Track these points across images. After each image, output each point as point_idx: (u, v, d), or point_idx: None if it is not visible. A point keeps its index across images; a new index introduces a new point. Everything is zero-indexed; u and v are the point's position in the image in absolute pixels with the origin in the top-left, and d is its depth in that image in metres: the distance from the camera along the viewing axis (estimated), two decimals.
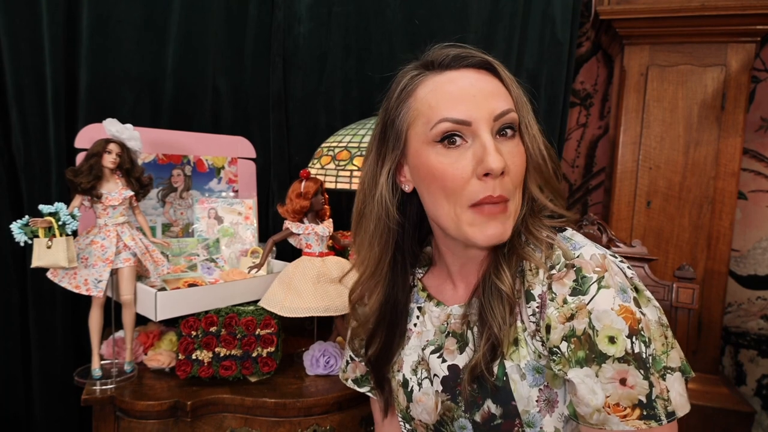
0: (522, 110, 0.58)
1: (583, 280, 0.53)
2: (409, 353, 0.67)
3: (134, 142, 1.01)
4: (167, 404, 0.93)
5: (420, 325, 0.67)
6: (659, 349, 0.52)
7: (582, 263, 0.54)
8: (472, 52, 0.59)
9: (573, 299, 0.53)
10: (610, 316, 0.51)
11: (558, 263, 0.55)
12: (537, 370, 0.56)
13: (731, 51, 1.30)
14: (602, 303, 0.52)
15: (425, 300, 0.68)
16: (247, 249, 1.23)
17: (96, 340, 0.99)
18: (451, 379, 0.62)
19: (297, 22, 1.41)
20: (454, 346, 0.62)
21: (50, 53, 1.19)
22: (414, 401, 0.65)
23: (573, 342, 0.53)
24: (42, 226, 0.88)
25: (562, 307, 0.54)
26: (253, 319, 1.01)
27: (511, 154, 0.56)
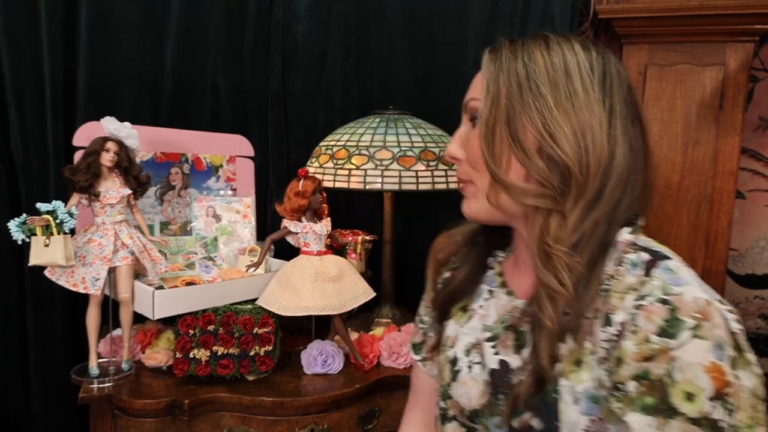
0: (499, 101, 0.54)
1: (676, 322, 0.47)
2: (467, 333, 0.64)
3: (132, 141, 1.01)
4: (164, 403, 0.93)
5: (485, 309, 0.64)
6: (744, 421, 0.45)
7: (680, 303, 0.47)
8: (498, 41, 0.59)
9: (658, 340, 0.47)
10: (696, 371, 0.45)
11: (651, 295, 0.49)
12: (594, 399, 0.51)
13: (730, 50, 1.30)
14: (691, 354, 0.46)
15: (498, 285, 0.65)
16: (246, 247, 1.23)
17: (93, 338, 0.99)
18: (500, 374, 0.58)
19: (296, 20, 1.41)
20: (511, 341, 0.59)
21: (49, 52, 1.19)
22: (458, 382, 0.62)
23: (644, 384, 0.47)
24: (40, 224, 0.89)
25: (642, 345, 0.48)
26: (251, 318, 1.01)
27: (469, 141, 0.59)
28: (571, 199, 0.52)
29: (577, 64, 0.54)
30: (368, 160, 1.11)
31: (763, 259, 1.56)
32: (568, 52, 0.55)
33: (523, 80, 0.54)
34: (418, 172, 1.10)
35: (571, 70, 0.54)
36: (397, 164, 1.10)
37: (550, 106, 0.52)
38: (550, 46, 0.55)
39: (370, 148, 1.13)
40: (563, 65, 0.54)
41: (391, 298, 1.30)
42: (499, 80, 0.55)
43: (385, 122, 1.19)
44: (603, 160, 0.52)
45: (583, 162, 0.52)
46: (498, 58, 0.56)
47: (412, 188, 1.10)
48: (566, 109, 0.52)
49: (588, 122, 0.52)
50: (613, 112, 0.54)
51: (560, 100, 0.52)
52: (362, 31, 1.45)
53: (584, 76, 0.54)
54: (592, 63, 0.55)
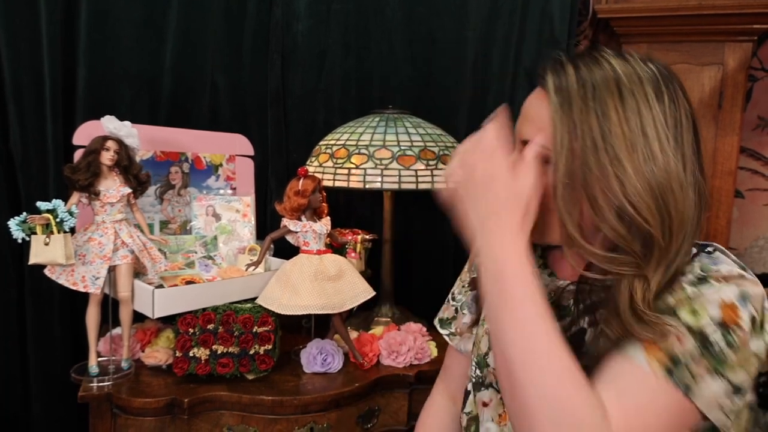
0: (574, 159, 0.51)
1: (707, 279, 0.50)
2: None
3: (132, 140, 1.01)
4: (164, 401, 0.93)
5: None
6: (736, 360, 0.48)
7: (714, 274, 0.51)
8: (547, 68, 0.55)
9: (690, 288, 0.50)
10: (711, 301, 0.49)
11: (690, 273, 0.52)
12: None
13: (728, 50, 1.30)
14: (714, 292, 0.49)
15: (539, 267, 0.65)
16: (245, 246, 1.23)
17: (93, 337, 0.99)
18: None
19: (296, 19, 1.41)
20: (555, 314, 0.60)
21: (48, 50, 1.19)
22: None
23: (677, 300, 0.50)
24: (39, 223, 0.89)
25: (677, 292, 0.51)
26: (251, 317, 1.01)
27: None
28: (654, 263, 0.51)
29: (653, 121, 0.50)
30: (368, 159, 1.11)
31: (762, 258, 1.56)
32: (643, 104, 0.51)
33: (598, 141, 0.50)
34: (418, 171, 1.10)
35: (648, 130, 0.50)
36: (396, 163, 1.10)
37: (629, 173, 0.49)
38: (624, 97, 0.51)
39: (370, 147, 1.13)
40: (640, 125, 0.50)
41: (390, 297, 1.30)
42: (574, 135, 0.51)
43: (385, 121, 1.19)
44: (684, 219, 0.51)
45: (666, 226, 0.50)
46: (568, 105, 0.52)
47: (411, 187, 1.10)
48: (645, 174, 0.49)
49: (668, 186, 0.50)
50: (686, 164, 0.51)
51: (639, 166, 0.49)
52: (362, 29, 1.45)
53: (661, 136, 0.50)
54: (665, 114, 0.51)
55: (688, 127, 0.53)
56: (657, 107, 0.51)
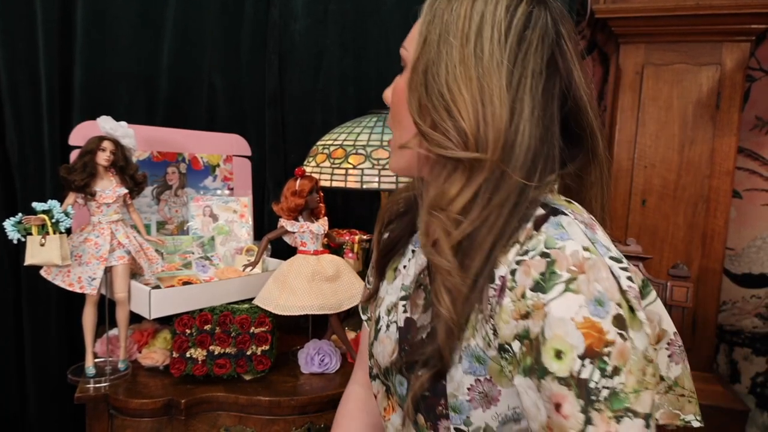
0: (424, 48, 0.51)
1: (551, 275, 0.44)
2: (391, 293, 0.63)
3: (128, 140, 1.01)
4: (161, 402, 0.93)
5: (407, 268, 0.62)
6: (629, 385, 0.41)
7: (559, 256, 0.44)
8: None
9: (532, 295, 0.44)
10: (566, 327, 0.42)
11: (534, 249, 0.46)
12: (478, 358, 0.49)
13: (726, 50, 1.30)
14: (561, 308, 0.42)
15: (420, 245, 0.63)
16: (242, 247, 1.22)
17: (89, 338, 0.99)
18: (404, 331, 0.57)
19: (293, 19, 1.41)
20: (421, 300, 0.56)
21: (44, 50, 1.19)
22: (378, 340, 0.62)
23: (525, 344, 0.45)
24: (35, 224, 0.88)
25: (519, 301, 0.45)
26: (248, 317, 1.01)
27: (393, 88, 0.57)
28: (468, 168, 0.48)
29: (493, 21, 0.49)
30: (365, 160, 1.11)
31: (760, 258, 1.56)
32: (490, 5, 0.49)
33: (443, 30, 0.50)
34: None
35: (485, 28, 0.49)
36: None
37: (455, 63, 0.49)
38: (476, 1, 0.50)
39: (367, 147, 1.13)
40: (479, 21, 0.49)
41: None
42: (429, 26, 0.51)
43: (382, 121, 1.19)
44: (501, 136, 0.47)
45: (481, 133, 0.48)
46: (435, 5, 0.53)
47: None
48: (469, 71, 0.48)
49: (488, 91, 0.48)
50: (521, 84, 0.49)
51: (465, 60, 0.48)
52: (359, 29, 1.45)
53: (494, 37, 0.48)
54: (511, 21, 0.49)
55: (541, 48, 0.50)
56: (503, 9, 0.49)
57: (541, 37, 0.50)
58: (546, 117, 0.50)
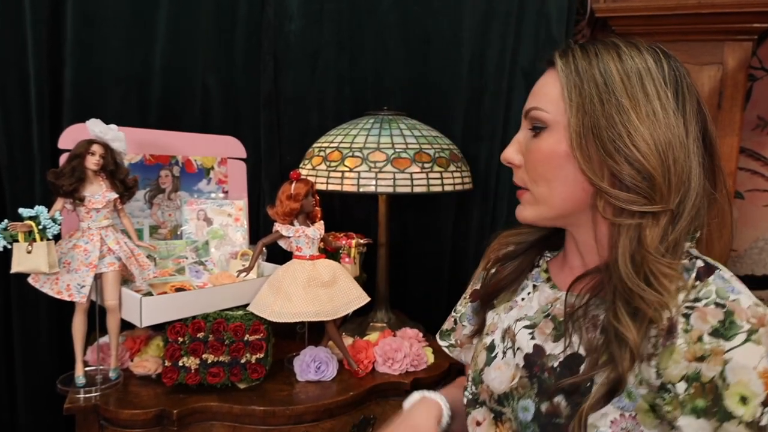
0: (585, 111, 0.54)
1: (731, 324, 0.49)
2: (505, 320, 0.67)
3: (118, 143, 0.99)
4: (152, 413, 0.91)
5: (527, 301, 0.66)
6: None
7: (736, 308, 0.49)
8: (558, 50, 0.60)
9: (711, 340, 0.49)
10: (750, 374, 0.47)
11: (707, 298, 0.51)
12: (629, 394, 0.52)
13: (728, 49, 1.28)
14: (745, 357, 0.47)
15: (543, 281, 0.67)
16: (237, 251, 1.20)
17: (79, 346, 0.96)
18: (533, 357, 0.61)
19: (288, 19, 1.39)
20: (550, 330, 0.61)
21: (33, 50, 1.16)
22: (492, 366, 0.65)
23: (694, 386, 0.48)
24: (22, 231, 0.86)
25: (694, 344, 0.49)
26: (242, 325, 0.99)
27: (529, 150, 0.60)
28: (659, 202, 0.53)
29: (652, 79, 0.54)
30: (362, 162, 1.09)
31: (762, 259, 1.54)
32: (641, 64, 0.54)
33: (602, 90, 0.54)
34: (413, 175, 1.08)
35: (647, 85, 0.54)
36: (391, 166, 1.08)
37: (632, 120, 0.53)
38: (622, 56, 0.55)
39: (364, 149, 1.10)
40: (639, 80, 0.54)
41: (386, 302, 1.28)
42: (581, 89, 0.55)
43: (379, 123, 1.17)
44: (683, 178, 0.53)
45: (666, 177, 0.52)
46: (573, 65, 0.56)
47: (406, 191, 1.07)
48: (647, 125, 0.53)
49: (668, 140, 0.53)
50: (688, 131, 0.54)
51: (642, 116, 0.53)
52: (355, 29, 1.42)
53: (660, 93, 0.53)
54: (665, 77, 0.54)
55: (690, 99, 0.55)
56: (656, 71, 0.54)
57: (688, 86, 0.56)
58: (704, 160, 0.55)
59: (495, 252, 0.73)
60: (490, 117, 1.39)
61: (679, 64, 0.56)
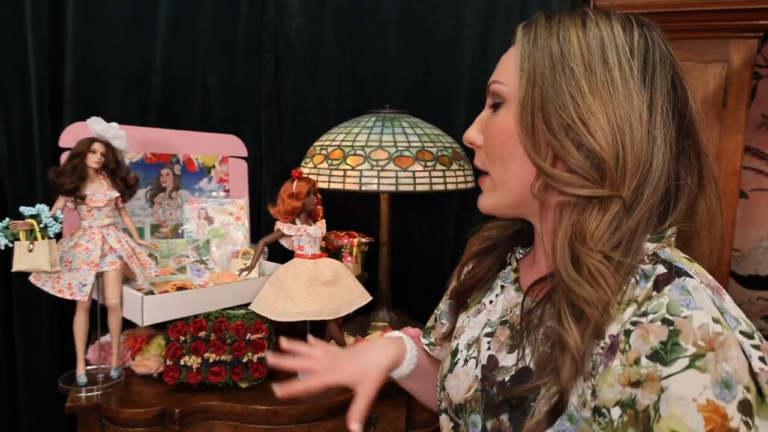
0: (534, 82, 0.49)
1: (673, 347, 0.40)
2: (473, 326, 0.61)
3: (120, 141, 0.98)
4: (154, 412, 0.91)
5: (494, 303, 0.61)
6: None
7: (684, 327, 0.41)
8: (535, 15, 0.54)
9: (648, 364, 0.41)
10: (686, 407, 0.39)
11: (655, 312, 0.43)
12: (570, 417, 0.45)
13: (733, 47, 1.27)
14: (684, 386, 0.39)
15: (511, 281, 0.61)
16: (239, 250, 1.20)
17: (81, 345, 0.96)
18: (487, 370, 0.55)
19: (289, 16, 1.38)
20: (505, 338, 0.55)
21: (34, 48, 1.16)
22: (453, 374, 0.60)
23: (628, 414, 0.41)
24: (23, 229, 0.85)
25: (630, 367, 0.42)
26: (244, 324, 0.98)
27: (488, 127, 0.55)
28: (607, 189, 0.47)
29: (616, 47, 0.48)
30: (364, 161, 1.08)
31: (766, 260, 1.53)
32: (606, 32, 0.48)
33: (557, 60, 0.48)
34: (416, 173, 1.07)
35: (609, 54, 0.47)
36: (393, 165, 1.07)
37: (584, 92, 0.47)
38: (587, 24, 0.49)
39: (366, 148, 1.10)
40: (600, 48, 0.48)
41: (387, 301, 1.28)
42: (534, 58, 0.49)
43: (381, 121, 1.16)
44: (641, 160, 0.46)
45: (620, 158, 0.46)
46: (532, 34, 0.51)
47: (409, 189, 1.07)
48: (603, 98, 0.47)
49: (626, 116, 0.46)
50: (653, 106, 0.47)
51: (596, 87, 0.47)
52: (356, 26, 1.41)
53: (623, 63, 0.47)
54: (632, 47, 0.48)
55: (663, 72, 0.48)
56: (622, 36, 0.48)
57: (662, 57, 0.49)
58: (674, 141, 0.49)
59: (475, 245, 0.68)
60: None
61: (656, 34, 0.50)
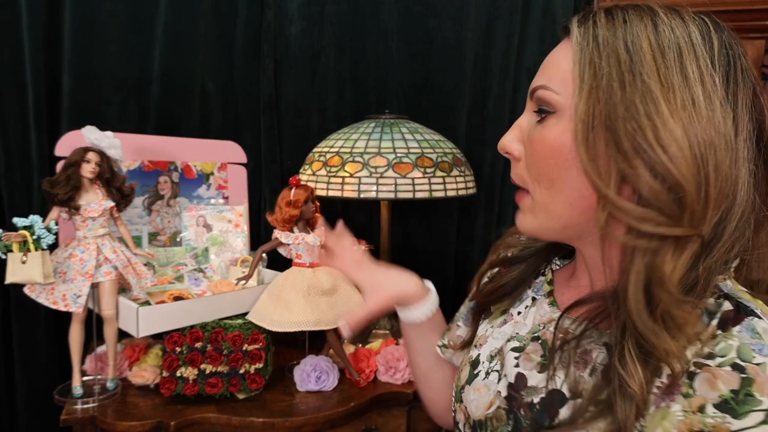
0: (598, 94, 0.42)
1: (746, 397, 0.37)
2: (497, 337, 0.57)
3: (114, 151, 0.97)
4: (149, 425, 0.89)
5: (522, 315, 0.56)
6: None
7: (758, 376, 0.37)
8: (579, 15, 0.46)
9: (716, 414, 0.37)
10: None
11: (724, 356, 0.38)
12: None
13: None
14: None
15: (544, 295, 0.56)
16: (237, 258, 1.18)
17: (76, 357, 0.95)
18: (514, 389, 0.51)
19: (288, 21, 1.37)
20: (537, 357, 0.51)
21: (30, 55, 1.15)
22: (472, 386, 0.56)
23: None
24: (16, 241, 0.84)
25: (693, 414, 0.38)
26: (240, 334, 0.97)
27: (532, 139, 0.47)
28: (687, 226, 0.40)
29: (696, 57, 0.41)
30: (362, 168, 1.07)
31: None
32: (682, 37, 0.41)
33: (626, 70, 0.41)
34: (415, 180, 1.05)
35: (688, 66, 0.40)
36: (392, 171, 1.05)
37: (662, 111, 0.40)
38: (658, 25, 0.42)
39: (365, 154, 1.08)
40: (677, 58, 0.40)
41: None
42: (596, 66, 0.42)
43: (380, 127, 1.14)
44: (725, 192, 0.40)
45: (703, 188, 0.40)
46: (591, 33, 0.43)
47: (408, 197, 1.05)
48: (683, 118, 0.40)
49: (711, 140, 0.40)
50: (738, 128, 0.41)
51: (675, 106, 0.40)
52: (356, 31, 1.40)
53: (705, 77, 0.40)
54: (713, 57, 0.41)
55: (745, 88, 0.42)
56: (702, 47, 0.41)
57: (744, 69, 0.43)
58: (757, 169, 0.43)
59: (503, 249, 0.63)
60: (494, 120, 1.36)
61: (734, 41, 0.43)
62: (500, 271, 0.62)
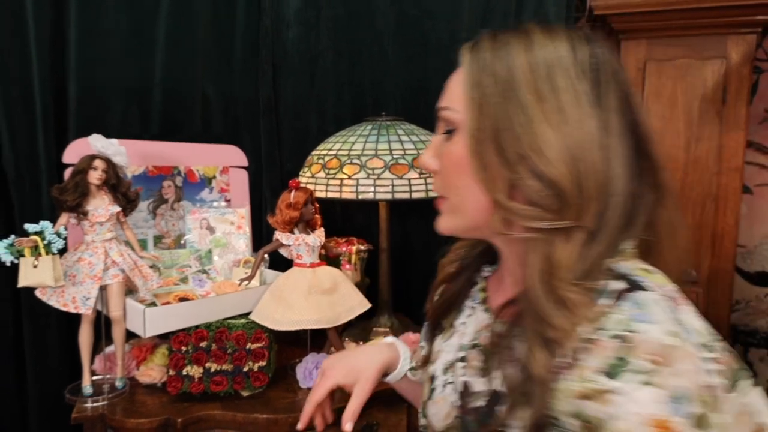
0: (485, 111, 0.47)
1: (622, 362, 0.40)
2: (448, 350, 0.60)
3: (120, 157, 1.00)
4: (157, 421, 0.92)
5: (465, 326, 0.60)
6: None
7: (637, 342, 0.41)
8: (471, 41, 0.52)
9: (598, 378, 0.41)
10: (632, 422, 0.39)
11: (608, 329, 0.42)
12: None
13: (731, 43, 1.26)
14: (632, 401, 0.39)
15: (479, 302, 0.60)
16: (240, 259, 1.21)
17: (86, 357, 0.98)
18: (462, 397, 0.54)
19: (285, 26, 1.40)
20: (477, 362, 0.54)
21: (38, 66, 1.19)
22: (433, 400, 0.59)
23: (586, 426, 0.42)
24: (27, 246, 0.88)
25: (582, 382, 0.42)
26: (244, 333, 1.00)
27: (440, 154, 0.53)
28: (572, 217, 0.45)
29: (565, 68, 0.46)
30: (360, 169, 1.09)
31: None
32: (552, 53, 0.47)
33: (505, 87, 0.47)
34: (411, 180, 1.08)
35: (557, 77, 0.46)
36: (389, 173, 1.08)
37: (536, 120, 0.46)
38: (533, 45, 0.47)
39: (362, 156, 1.11)
40: (547, 71, 0.46)
41: (388, 306, 1.28)
42: (481, 85, 0.48)
43: (377, 129, 1.17)
44: (601, 185, 0.45)
45: (578, 185, 0.45)
46: (478, 57, 0.49)
47: (405, 197, 1.07)
48: (555, 124, 0.45)
49: (581, 141, 0.45)
50: (608, 128, 0.46)
51: (548, 115, 0.46)
52: (353, 34, 1.43)
53: (573, 85, 0.46)
54: (581, 65, 0.47)
55: (616, 91, 0.47)
56: (569, 59, 0.47)
57: (614, 72, 0.48)
58: (632, 161, 0.47)
59: (446, 267, 0.66)
60: None
61: (604, 50, 0.48)
62: (446, 287, 0.66)
